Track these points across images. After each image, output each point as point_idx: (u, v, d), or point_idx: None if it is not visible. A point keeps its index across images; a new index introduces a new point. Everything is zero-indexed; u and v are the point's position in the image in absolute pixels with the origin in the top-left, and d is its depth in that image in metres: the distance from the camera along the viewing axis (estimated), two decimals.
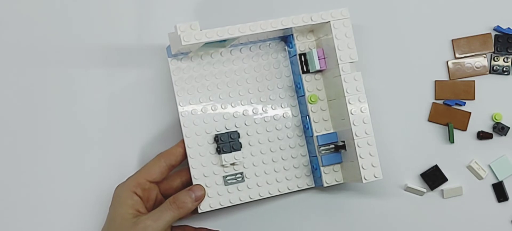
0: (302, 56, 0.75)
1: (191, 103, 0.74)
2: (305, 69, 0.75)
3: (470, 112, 0.80)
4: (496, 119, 0.80)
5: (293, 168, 0.76)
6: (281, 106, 0.76)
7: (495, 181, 0.80)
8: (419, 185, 0.79)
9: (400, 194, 0.80)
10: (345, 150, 0.73)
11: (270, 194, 0.75)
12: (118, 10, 0.79)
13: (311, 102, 0.75)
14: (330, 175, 0.75)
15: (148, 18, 0.79)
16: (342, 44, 0.71)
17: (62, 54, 0.78)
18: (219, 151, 0.73)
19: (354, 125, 0.70)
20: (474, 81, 0.81)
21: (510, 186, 0.80)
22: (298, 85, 0.76)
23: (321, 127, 0.75)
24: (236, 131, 0.74)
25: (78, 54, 0.78)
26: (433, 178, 0.79)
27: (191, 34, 0.67)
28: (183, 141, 0.73)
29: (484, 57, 0.81)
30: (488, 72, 0.81)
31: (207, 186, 0.73)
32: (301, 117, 0.76)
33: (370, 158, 0.70)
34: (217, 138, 0.73)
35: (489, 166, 0.80)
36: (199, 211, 0.72)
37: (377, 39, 0.81)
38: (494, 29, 0.81)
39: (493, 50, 0.81)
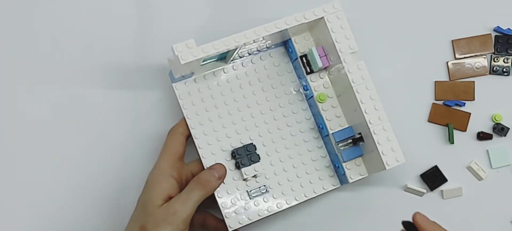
0: (303, 58, 0.75)
1: (202, 124, 0.74)
2: (308, 70, 0.75)
3: (470, 113, 0.80)
4: (496, 120, 0.80)
5: (315, 171, 0.75)
6: (292, 112, 0.76)
7: (495, 181, 0.80)
8: (419, 186, 0.79)
9: (400, 195, 0.80)
10: (363, 141, 0.73)
11: (297, 200, 0.74)
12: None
13: (320, 101, 0.75)
14: (354, 170, 0.74)
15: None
16: (339, 36, 0.71)
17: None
18: (238, 165, 0.73)
19: (366, 113, 0.70)
20: (474, 82, 0.81)
21: (501, 177, 0.80)
22: (305, 88, 0.76)
23: (335, 124, 0.75)
24: (252, 143, 0.74)
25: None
26: (433, 178, 0.79)
27: (188, 52, 0.67)
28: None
29: (484, 58, 0.81)
30: (488, 73, 0.81)
31: (232, 204, 0.72)
32: (314, 118, 0.76)
33: (388, 143, 0.70)
34: (234, 154, 0.73)
35: (487, 151, 0.79)
36: (229, 230, 0.72)
37: (377, 39, 0.81)
38: (494, 30, 0.81)
39: (493, 51, 0.81)
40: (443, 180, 0.79)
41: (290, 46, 0.76)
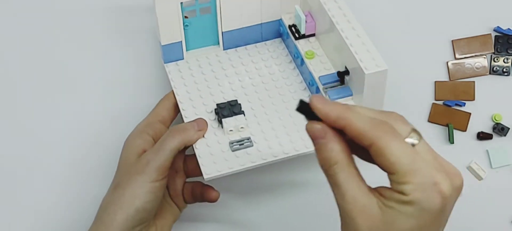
0: (293, 27, 0.75)
1: (186, 85, 0.73)
2: (297, 36, 0.74)
3: (470, 113, 0.80)
4: (496, 120, 0.80)
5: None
6: (281, 75, 0.74)
7: (495, 181, 0.80)
8: None
9: None
10: (349, 74, 0.68)
11: (285, 154, 0.67)
12: None
13: (308, 57, 0.72)
14: None
15: None
16: None
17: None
18: (219, 117, 0.69)
19: (342, 31, 0.67)
20: (474, 82, 0.81)
21: (501, 177, 0.80)
22: (295, 55, 0.74)
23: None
24: (236, 100, 0.71)
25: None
26: None
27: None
28: None
29: (484, 58, 0.81)
30: (488, 73, 0.81)
31: (211, 154, 0.67)
32: (304, 78, 0.74)
33: (368, 54, 0.65)
34: (217, 110, 0.70)
35: (487, 151, 0.79)
36: (205, 177, 0.65)
37: (378, 39, 0.81)
38: (494, 30, 0.82)
39: (493, 51, 0.81)
40: None
41: (281, 24, 0.76)
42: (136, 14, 0.83)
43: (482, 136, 0.79)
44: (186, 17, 0.73)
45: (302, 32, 0.74)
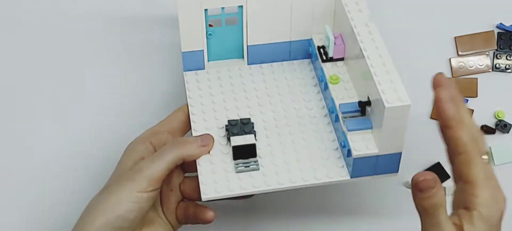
0: (321, 49, 0.70)
1: (202, 96, 0.69)
2: (324, 58, 0.69)
3: (472, 110, 0.80)
4: (498, 117, 0.80)
5: (320, 158, 0.64)
6: (303, 97, 0.69)
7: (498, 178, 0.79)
8: None
9: (402, 191, 0.79)
10: (370, 105, 0.62)
11: (291, 183, 0.62)
12: None
13: (332, 81, 0.67)
14: (360, 144, 0.62)
15: None
16: (352, 7, 0.66)
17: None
18: (228, 135, 0.64)
19: (368, 58, 0.62)
20: (476, 78, 0.81)
21: (504, 174, 0.80)
22: (320, 78, 0.69)
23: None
24: (249, 118, 0.66)
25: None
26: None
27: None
28: None
29: (487, 55, 0.81)
30: (490, 70, 0.81)
31: (213, 172, 0.62)
32: (326, 104, 0.68)
33: (391, 84, 0.60)
34: (227, 126, 0.65)
35: (490, 148, 0.79)
36: (203, 198, 0.61)
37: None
38: (497, 27, 0.81)
39: (496, 48, 0.81)
40: (446, 176, 0.79)
41: (311, 44, 0.71)
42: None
43: (485, 130, 0.79)
44: (210, 25, 0.69)
45: (330, 54, 0.69)
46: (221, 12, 0.69)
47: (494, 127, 0.80)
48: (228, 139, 0.64)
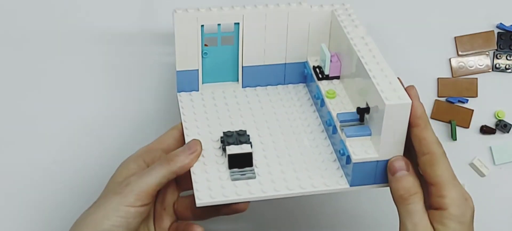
0: (317, 68, 0.70)
1: (195, 112, 0.69)
2: (320, 76, 0.69)
3: (472, 110, 0.80)
4: (498, 116, 0.80)
5: (317, 168, 0.63)
6: (299, 113, 0.69)
7: (498, 178, 0.80)
8: None
9: None
10: (369, 111, 0.61)
11: (289, 190, 0.61)
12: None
13: (329, 96, 0.67)
14: (359, 149, 0.60)
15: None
16: (349, 25, 0.67)
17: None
18: (224, 145, 0.63)
19: (366, 64, 0.62)
20: (476, 78, 0.81)
21: (504, 174, 0.80)
22: (316, 96, 0.69)
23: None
24: (245, 131, 0.65)
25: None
26: None
27: (186, 17, 0.66)
28: None
29: (487, 55, 0.81)
30: (490, 70, 0.81)
31: (207, 180, 0.61)
32: (322, 120, 0.68)
33: (390, 85, 0.59)
34: (222, 138, 0.64)
35: (490, 148, 0.79)
36: (197, 203, 0.59)
37: (380, 37, 0.81)
38: (497, 27, 0.81)
39: (496, 48, 0.81)
40: None
41: (306, 66, 0.72)
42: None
43: (485, 130, 0.79)
44: (206, 45, 0.70)
45: (326, 72, 0.69)
46: (218, 30, 0.69)
47: (494, 127, 0.80)
48: (224, 149, 0.63)
